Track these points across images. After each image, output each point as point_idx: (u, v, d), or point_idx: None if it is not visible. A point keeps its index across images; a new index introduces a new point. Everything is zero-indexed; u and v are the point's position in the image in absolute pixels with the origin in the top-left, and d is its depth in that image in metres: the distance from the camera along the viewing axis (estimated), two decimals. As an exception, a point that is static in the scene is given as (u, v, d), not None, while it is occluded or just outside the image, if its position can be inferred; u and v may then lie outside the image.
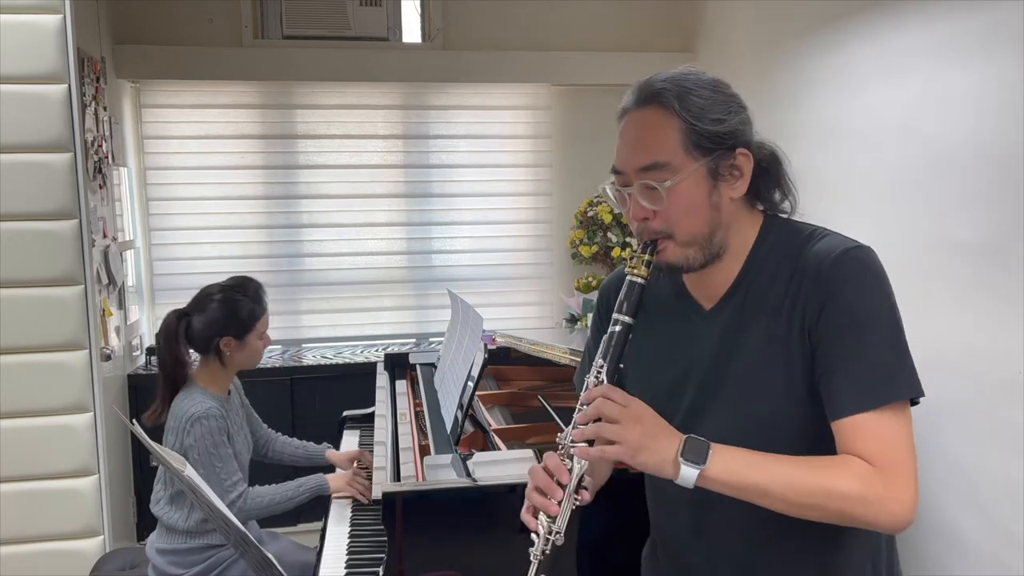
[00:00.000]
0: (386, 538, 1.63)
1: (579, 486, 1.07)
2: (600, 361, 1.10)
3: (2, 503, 2.70)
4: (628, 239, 3.78)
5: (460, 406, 2.08)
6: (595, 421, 1.05)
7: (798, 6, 2.95)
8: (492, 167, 4.03)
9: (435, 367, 2.71)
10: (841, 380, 1.05)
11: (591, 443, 1.05)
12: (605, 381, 1.09)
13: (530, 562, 1.07)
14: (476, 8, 3.86)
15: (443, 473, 1.77)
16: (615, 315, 1.11)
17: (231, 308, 2.22)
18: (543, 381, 2.72)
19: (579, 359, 1.71)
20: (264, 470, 2.59)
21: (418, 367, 2.82)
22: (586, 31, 3.93)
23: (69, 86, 2.68)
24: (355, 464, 2.37)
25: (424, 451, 2.02)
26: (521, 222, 4.08)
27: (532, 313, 4.11)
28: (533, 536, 1.07)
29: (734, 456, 1.03)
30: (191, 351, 2.25)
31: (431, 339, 4.00)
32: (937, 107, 2.24)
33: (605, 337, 1.11)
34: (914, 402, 1.06)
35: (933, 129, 2.25)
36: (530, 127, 4.05)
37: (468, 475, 1.73)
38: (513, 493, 1.66)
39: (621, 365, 1.11)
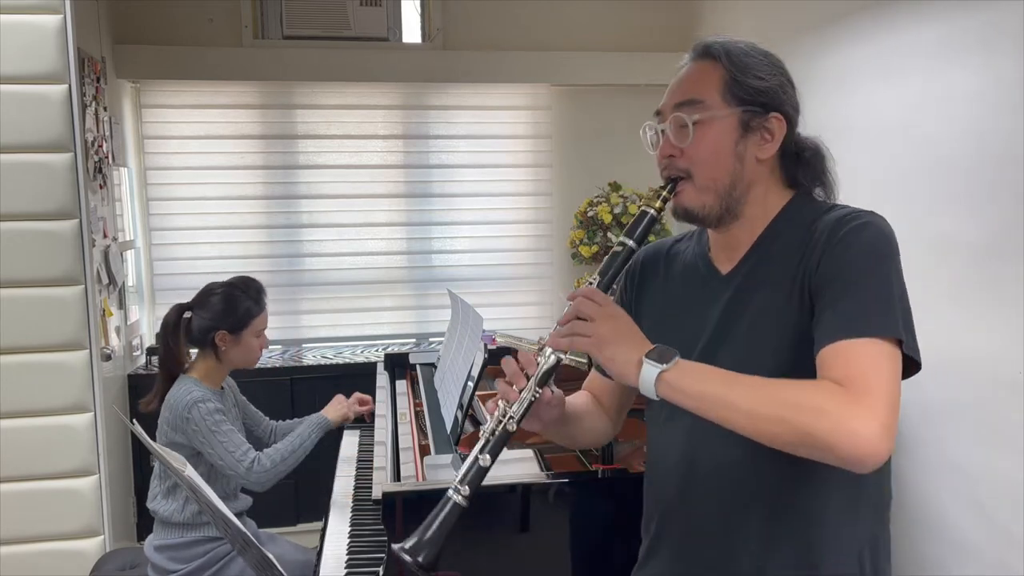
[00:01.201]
0: (386, 538, 1.63)
1: (545, 382, 1.12)
2: (596, 277, 1.15)
3: (2, 503, 2.70)
4: (628, 239, 3.78)
5: (460, 406, 2.08)
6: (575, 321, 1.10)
7: (798, 6, 2.95)
8: (492, 167, 4.03)
9: (435, 367, 2.70)
10: (827, 316, 1.04)
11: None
12: None
13: (479, 440, 1.10)
14: (476, 8, 3.86)
15: (443, 473, 1.77)
16: (619, 238, 1.16)
17: (229, 303, 2.28)
18: (543, 381, 2.72)
19: (579, 359, 1.71)
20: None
21: (418, 367, 2.82)
22: (586, 31, 3.93)
23: (69, 86, 2.68)
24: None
25: (424, 451, 2.02)
26: (521, 222, 4.08)
27: (532, 313, 4.11)
28: (487, 415, 1.13)
29: (700, 368, 1.04)
30: (190, 348, 2.29)
31: (431, 339, 4.00)
32: (937, 107, 2.24)
33: (607, 256, 1.16)
34: (911, 373, 1.04)
35: (933, 129, 2.25)
36: (530, 127, 4.05)
37: (468, 475, 1.73)
38: (513, 493, 1.66)
39: (615, 285, 1.16)
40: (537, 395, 1.11)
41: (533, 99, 4.03)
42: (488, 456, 1.09)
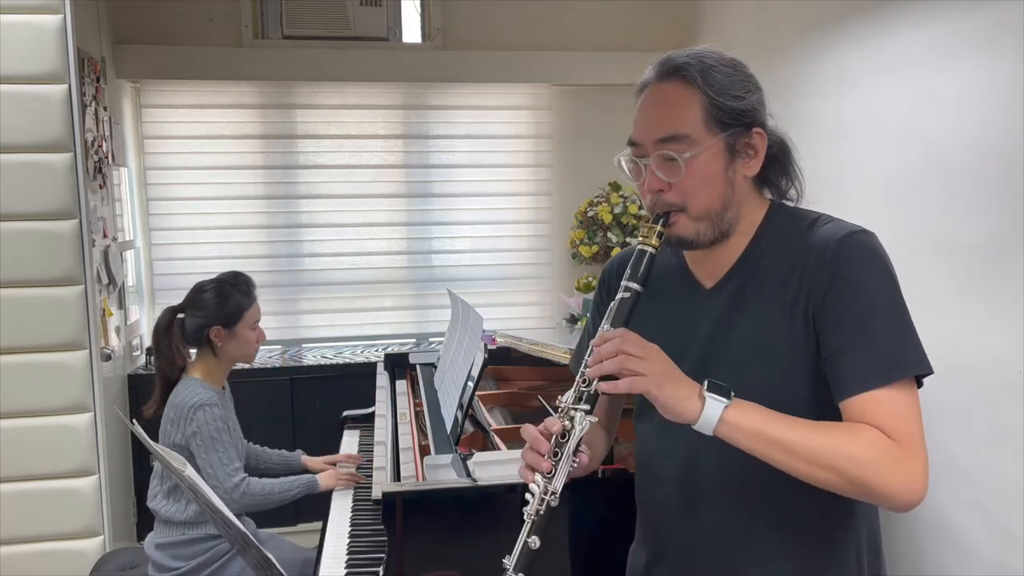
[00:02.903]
0: (386, 538, 1.63)
1: (577, 448, 1.06)
2: (606, 326, 1.08)
3: (2, 503, 2.70)
4: (628, 239, 3.78)
5: (460, 406, 2.08)
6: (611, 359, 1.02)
7: (798, 6, 2.95)
8: (492, 167, 4.02)
9: (435, 367, 2.71)
10: (850, 359, 1.04)
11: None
12: None
13: (523, 521, 1.05)
14: (476, 8, 3.86)
15: (443, 473, 1.77)
16: (624, 282, 1.10)
17: (220, 299, 2.29)
18: (543, 381, 2.73)
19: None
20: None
21: (418, 367, 2.82)
22: (586, 31, 3.93)
23: (69, 86, 2.68)
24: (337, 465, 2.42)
25: (424, 451, 2.02)
26: (521, 222, 4.08)
27: (532, 313, 4.11)
28: (528, 495, 1.06)
29: (753, 406, 1.02)
30: (189, 348, 2.30)
31: (431, 339, 4.00)
32: (937, 107, 2.23)
33: (613, 303, 1.10)
34: (920, 383, 1.06)
35: (933, 129, 2.25)
36: (530, 127, 4.04)
37: (468, 475, 1.73)
38: (513, 493, 1.66)
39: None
40: (575, 464, 1.06)
41: (533, 99, 4.03)
42: (536, 538, 1.04)
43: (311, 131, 3.87)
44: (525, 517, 1.05)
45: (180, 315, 2.29)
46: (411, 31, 3.92)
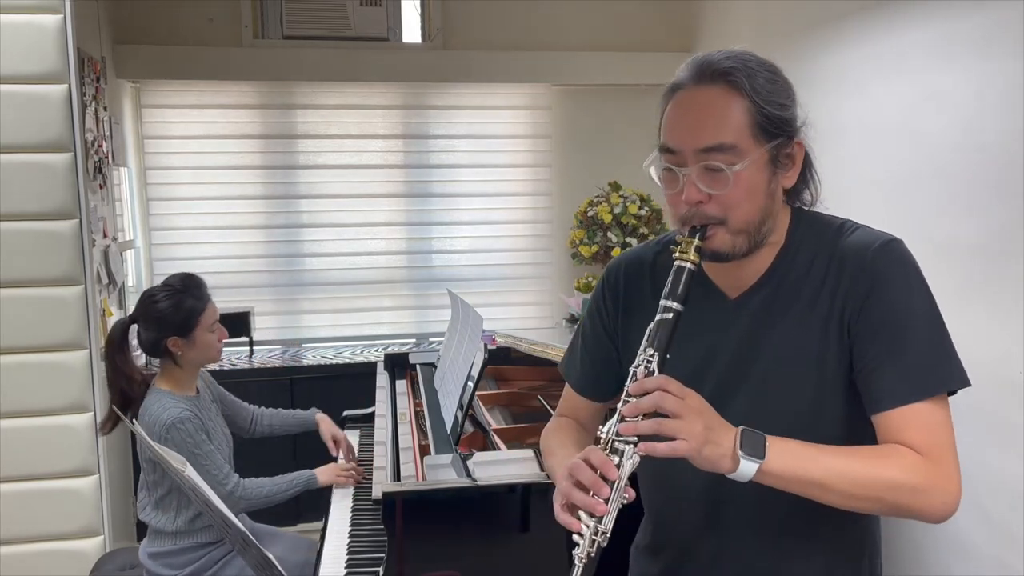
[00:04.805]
0: (386, 538, 1.63)
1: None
2: (650, 350, 1.02)
3: (2, 503, 2.70)
4: (628, 239, 3.78)
5: (460, 406, 2.08)
6: (647, 416, 0.98)
7: (798, 6, 2.95)
8: (492, 167, 4.03)
9: (435, 367, 2.70)
10: (886, 373, 1.03)
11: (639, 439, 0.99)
12: (656, 372, 1.01)
13: (573, 564, 0.99)
14: (476, 8, 3.86)
15: (443, 473, 1.77)
16: (664, 302, 1.04)
17: (171, 308, 2.16)
18: (543, 381, 2.72)
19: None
20: (259, 458, 2.61)
21: (418, 367, 2.82)
22: (586, 31, 3.93)
23: (69, 86, 2.68)
24: (339, 451, 2.41)
25: (424, 451, 2.02)
26: (521, 222, 4.08)
27: (532, 313, 4.11)
28: (576, 537, 0.99)
29: (789, 448, 1.00)
30: (149, 359, 2.23)
31: (431, 339, 4.00)
32: (936, 107, 2.23)
33: (652, 325, 1.04)
34: (951, 392, 1.05)
35: (933, 129, 2.25)
36: (530, 127, 4.05)
37: (468, 475, 1.73)
38: (513, 493, 1.66)
39: (668, 356, 1.03)
40: (625, 499, 1.00)
41: (533, 99, 4.03)
42: None
43: (311, 131, 3.87)
44: (576, 560, 0.99)
45: (134, 327, 2.20)
46: (411, 31, 3.92)
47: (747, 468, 0.97)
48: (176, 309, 2.16)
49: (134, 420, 2.08)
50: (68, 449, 2.74)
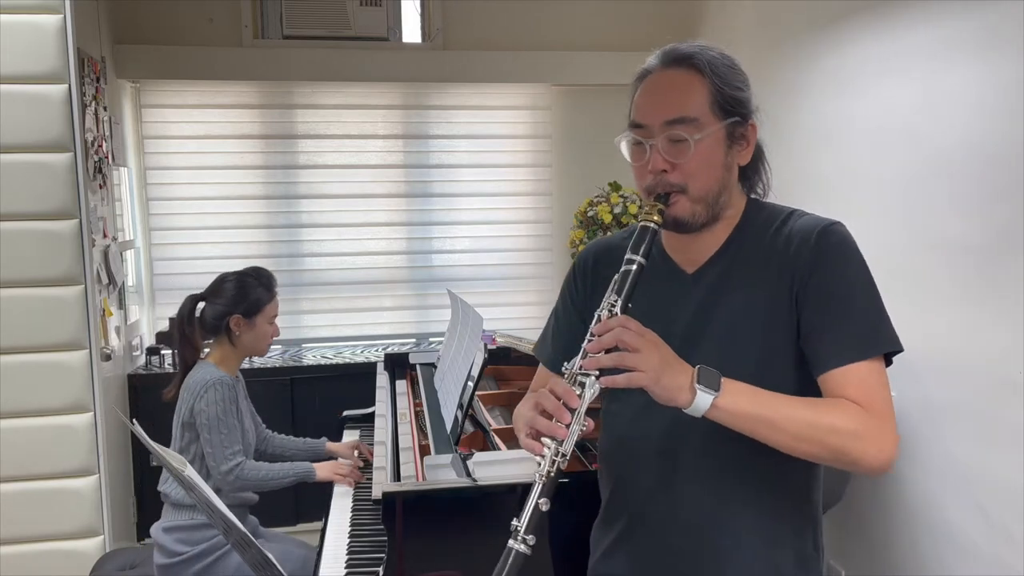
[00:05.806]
0: (386, 538, 1.63)
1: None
2: (613, 296, 1.13)
3: (2, 503, 2.70)
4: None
5: (460, 406, 2.08)
6: (609, 351, 1.07)
7: (798, 6, 2.95)
8: (492, 167, 4.03)
9: (435, 367, 2.70)
10: (829, 337, 1.14)
11: (603, 373, 1.08)
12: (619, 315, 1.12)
13: (532, 482, 1.08)
14: (476, 8, 3.86)
15: (443, 473, 1.77)
16: (629, 255, 1.15)
17: (243, 290, 2.35)
18: (543, 381, 2.72)
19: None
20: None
21: (418, 367, 2.82)
22: (586, 31, 3.94)
23: (69, 86, 2.68)
24: (356, 454, 2.45)
25: (424, 451, 2.02)
26: (521, 222, 4.08)
27: (532, 313, 4.11)
28: (538, 458, 1.09)
29: (742, 388, 1.09)
30: (204, 338, 2.36)
31: (431, 339, 4.00)
32: (937, 107, 2.24)
33: (618, 275, 1.15)
34: (889, 361, 1.15)
35: (933, 129, 2.25)
36: (530, 127, 4.05)
37: (468, 475, 1.73)
38: (513, 493, 1.66)
39: (630, 304, 1.14)
40: (584, 427, 1.09)
41: (533, 99, 4.03)
42: (546, 500, 1.07)
43: (311, 131, 3.87)
44: (536, 478, 1.08)
45: (201, 304, 2.34)
46: (411, 31, 3.92)
47: (703, 400, 1.06)
48: (247, 292, 2.35)
49: (134, 420, 2.08)
50: (68, 449, 2.74)
